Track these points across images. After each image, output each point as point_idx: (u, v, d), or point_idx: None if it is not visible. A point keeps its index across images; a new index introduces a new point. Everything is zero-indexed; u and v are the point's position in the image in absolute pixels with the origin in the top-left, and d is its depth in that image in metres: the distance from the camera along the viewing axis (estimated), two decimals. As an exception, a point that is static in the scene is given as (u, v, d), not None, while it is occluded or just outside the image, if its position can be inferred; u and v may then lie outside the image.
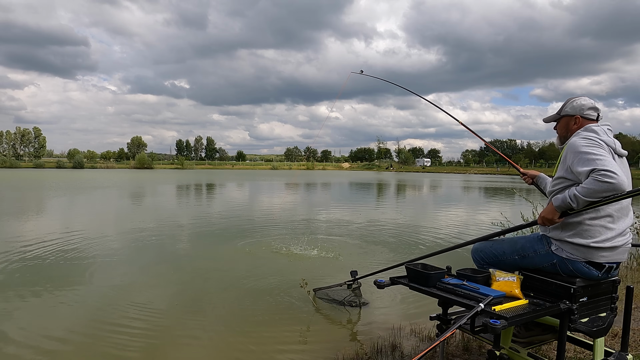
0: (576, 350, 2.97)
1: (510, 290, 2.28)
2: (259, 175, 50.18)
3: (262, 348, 3.53)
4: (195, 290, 5.06)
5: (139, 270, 5.95)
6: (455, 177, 53.25)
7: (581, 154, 2.16)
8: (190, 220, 11.13)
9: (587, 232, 2.22)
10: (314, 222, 10.93)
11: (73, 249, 7.09)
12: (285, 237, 8.40)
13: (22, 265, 6.05)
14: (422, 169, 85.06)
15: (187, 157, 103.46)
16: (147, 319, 4.09)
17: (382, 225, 10.43)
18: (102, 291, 4.96)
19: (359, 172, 69.94)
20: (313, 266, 6.23)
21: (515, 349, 2.42)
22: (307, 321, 4.12)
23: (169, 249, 7.31)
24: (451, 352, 3.09)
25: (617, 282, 2.38)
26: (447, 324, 2.56)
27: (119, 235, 8.68)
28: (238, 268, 6.10)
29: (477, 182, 37.08)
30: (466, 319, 2.04)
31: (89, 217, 11.67)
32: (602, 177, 2.03)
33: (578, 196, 2.11)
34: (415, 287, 2.55)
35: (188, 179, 37.09)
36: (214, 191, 23.72)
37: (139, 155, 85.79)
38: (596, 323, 2.32)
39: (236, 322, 4.07)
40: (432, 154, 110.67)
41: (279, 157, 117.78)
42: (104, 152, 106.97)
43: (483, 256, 2.67)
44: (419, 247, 7.63)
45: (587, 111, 2.42)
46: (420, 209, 15.24)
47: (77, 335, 3.73)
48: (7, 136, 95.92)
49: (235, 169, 79.22)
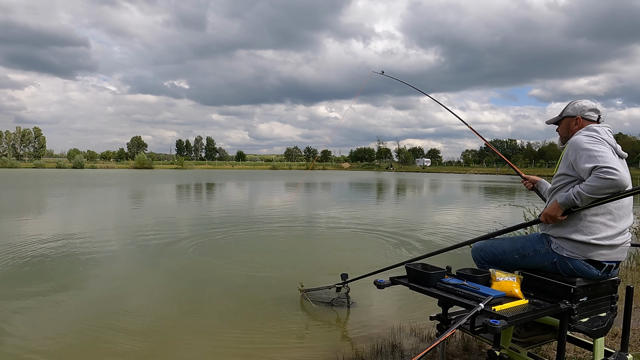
0: (576, 350, 2.97)
1: (510, 290, 2.28)
2: (258, 175, 50.19)
3: (262, 349, 3.52)
4: (192, 291, 5.05)
5: (134, 271, 5.95)
6: (455, 177, 53.25)
7: (583, 151, 2.18)
8: (190, 220, 11.13)
9: (587, 228, 2.23)
10: (314, 222, 10.93)
11: (73, 249, 7.10)
12: (285, 237, 8.40)
13: (15, 264, 6.05)
14: (422, 169, 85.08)
15: (187, 157, 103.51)
16: (142, 321, 4.08)
17: (382, 225, 10.43)
18: (100, 291, 4.95)
19: (359, 172, 69.95)
20: (312, 266, 6.23)
21: (515, 349, 2.42)
22: (307, 321, 4.12)
23: (166, 249, 7.30)
24: (451, 352, 3.09)
25: (617, 282, 2.38)
26: (447, 324, 2.56)
27: (118, 235, 8.68)
28: (235, 268, 6.10)
29: (477, 182, 37.08)
30: (466, 319, 2.04)
31: (89, 217, 11.67)
32: (604, 174, 2.05)
33: (582, 193, 2.12)
34: (415, 287, 2.55)
35: (188, 178, 37.10)
36: (214, 191, 23.72)
37: (139, 155, 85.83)
38: (596, 323, 2.32)
39: (235, 322, 4.07)
40: (432, 154, 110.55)
41: (279, 157, 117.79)
42: (104, 152, 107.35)
43: (483, 255, 2.67)
44: (419, 247, 7.63)
45: (587, 112, 2.45)
46: (420, 209, 15.24)
47: (77, 336, 3.72)
48: (7, 136, 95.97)
49: (235, 169, 79.24)
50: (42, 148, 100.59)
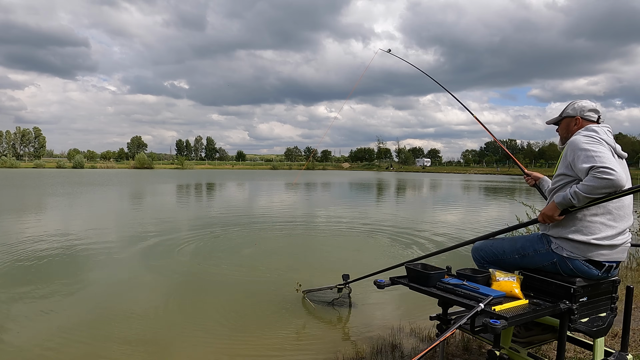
0: (576, 350, 2.97)
1: (510, 290, 2.28)
2: (258, 174, 50.18)
3: (262, 348, 3.53)
4: (191, 292, 5.05)
5: (133, 272, 5.94)
6: (455, 177, 53.24)
7: (581, 151, 2.19)
8: (190, 219, 11.13)
9: (587, 228, 2.23)
10: (313, 222, 10.93)
11: (72, 248, 7.10)
12: (285, 236, 8.40)
13: (14, 264, 6.06)
14: (422, 169, 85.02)
15: (187, 157, 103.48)
16: (141, 322, 4.08)
17: (382, 224, 10.43)
18: (97, 292, 4.95)
19: (359, 172, 69.94)
20: (311, 267, 6.22)
21: (515, 349, 2.43)
22: (307, 322, 4.12)
23: (166, 248, 7.30)
24: (451, 352, 3.09)
25: (617, 282, 2.38)
26: (447, 324, 2.56)
27: (118, 235, 8.68)
28: (235, 268, 6.10)
29: (477, 182, 37.09)
30: (466, 319, 2.04)
31: (89, 216, 11.67)
32: (600, 174, 2.06)
33: (579, 193, 2.13)
34: (415, 287, 2.55)
35: (188, 178, 37.10)
36: (214, 191, 23.72)
37: (139, 155, 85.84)
38: (596, 323, 2.32)
39: (234, 322, 4.07)
40: (432, 154, 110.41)
41: (279, 157, 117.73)
42: (104, 152, 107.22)
43: (483, 255, 2.68)
44: (418, 247, 7.63)
45: (587, 112, 2.46)
46: (420, 209, 15.24)
47: (77, 336, 3.72)
48: (7, 136, 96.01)
49: (235, 169, 79.24)
50: (42, 148, 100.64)
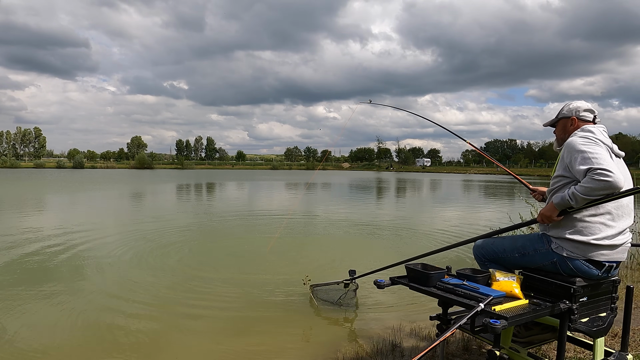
0: (576, 350, 2.97)
1: (510, 290, 2.28)
2: (258, 174, 50.16)
3: (262, 347, 3.53)
4: (193, 291, 5.05)
5: (133, 272, 5.93)
6: (455, 176, 53.23)
7: (578, 153, 2.19)
8: (191, 219, 11.12)
9: (586, 229, 2.23)
10: (315, 220, 10.93)
11: (72, 247, 7.10)
12: (286, 237, 8.40)
13: (13, 264, 6.05)
14: (422, 168, 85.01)
15: (187, 157, 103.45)
16: (143, 321, 4.08)
17: (382, 224, 10.43)
18: (98, 290, 4.95)
19: (359, 172, 69.93)
20: (313, 264, 6.22)
21: (515, 348, 2.42)
22: (307, 321, 4.12)
23: (168, 247, 7.30)
24: (451, 352, 3.09)
25: (617, 282, 2.38)
26: (447, 324, 2.56)
27: (117, 235, 8.67)
28: (238, 266, 6.10)
29: (477, 182, 37.08)
30: (466, 319, 2.04)
31: (89, 215, 11.67)
32: (598, 175, 2.06)
33: (576, 194, 2.13)
34: (415, 287, 2.55)
35: (188, 178, 37.08)
36: (214, 191, 23.71)
37: (139, 155, 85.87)
38: (596, 323, 2.32)
39: (235, 322, 4.07)
40: (432, 154, 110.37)
41: (279, 157, 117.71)
42: (104, 152, 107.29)
43: (484, 253, 2.69)
44: (418, 246, 7.63)
45: (582, 113, 2.46)
46: (420, 208, 15.23)
47: (76, 335, 3.72)
48: (7, 136, 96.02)
49: (235, 169, 79.23)
50: (42, 148, 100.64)
